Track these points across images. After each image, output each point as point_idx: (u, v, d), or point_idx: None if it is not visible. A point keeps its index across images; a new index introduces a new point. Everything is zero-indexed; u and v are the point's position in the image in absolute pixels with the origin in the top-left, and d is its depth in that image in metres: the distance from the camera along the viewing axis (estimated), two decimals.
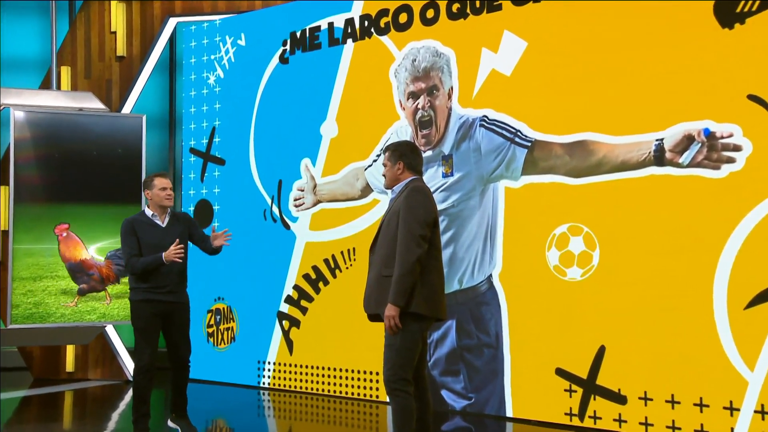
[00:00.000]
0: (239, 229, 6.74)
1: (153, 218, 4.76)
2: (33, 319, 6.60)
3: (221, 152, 6.98)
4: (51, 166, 6.73)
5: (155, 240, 4.69)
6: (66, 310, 6.61)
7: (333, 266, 6.13)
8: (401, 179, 3.84)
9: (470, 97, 5.35)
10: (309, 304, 6.27)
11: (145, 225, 4.73)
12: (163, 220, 4.78)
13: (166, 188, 4.75)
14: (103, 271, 6.74)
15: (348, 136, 6.10)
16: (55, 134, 6.74)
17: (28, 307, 6.61)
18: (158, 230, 4.74)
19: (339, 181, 6.13)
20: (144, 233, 4.70)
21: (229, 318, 6.79)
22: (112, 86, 7.36)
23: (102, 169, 6.81)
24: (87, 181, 6.78)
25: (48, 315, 6.62)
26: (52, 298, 6.67)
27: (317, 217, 6.27)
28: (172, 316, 4.71)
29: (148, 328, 4.61)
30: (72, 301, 6.69)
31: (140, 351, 4.63)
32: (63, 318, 6.62)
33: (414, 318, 3.64)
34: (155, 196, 4.75)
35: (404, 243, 3.58)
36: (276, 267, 6.46)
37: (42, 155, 6.73)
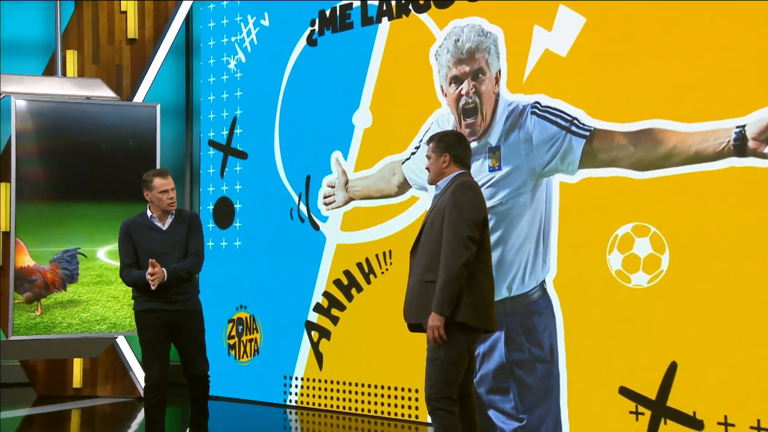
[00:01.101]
0: (263, 229, 6.76)
1: (153, 220, 4.72)
2: (37, 330, 6.61)
3: (243, 145, 6.99)
4: (56, 160, 6.76)
5: (153, 246, 4.65)
6: (73, 319, 6.66)
7: (367, 271, 6.12)
8: (447, 173, 3.84)
9: (520, 82, 5.31)
10: (340, 312, 6.26)
11: (143, 228, 4.69)
12: (165, 223, 4.73)
13: (168, 191, 4.68)
14: (48, 276, 6.70)
15: (383, 127, 6.08)
16: (60, 125, 6.77)
17: (31, 316, 6.64)
18: (158, 235, 4.69)
19: (373, 176, 6.13)
20: (141, 238, 4.66)
21: (253, 328, 6.80)
22: (122, 72, 7.40)
23: (112, 163, 6.84)
24: (95, 178, 6.82)
25: (53, 325, 6.64)
26: (59, 307, 6.70)
27: (349, 216, 6.26)
28: (181, 327, 4.69)
29: (154, 340, 4.60)
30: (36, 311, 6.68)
31: (148, 367, 4.64)
32: (69, 329, 6.65)
33: (460, 329, 3.63)
34: (155, 199, 4.70)
35: (450, 245, 3.57)
36: (304, 272, 6.47)
37: (46, 149, 6.76)
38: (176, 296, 4.65)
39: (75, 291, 6.75)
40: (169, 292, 4.61)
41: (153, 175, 4.71)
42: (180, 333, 4.70)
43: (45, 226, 6.75)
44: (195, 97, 7.98)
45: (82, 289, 6.78)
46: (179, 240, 4.71)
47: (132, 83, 7.41)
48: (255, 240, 6.80)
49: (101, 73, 7.40)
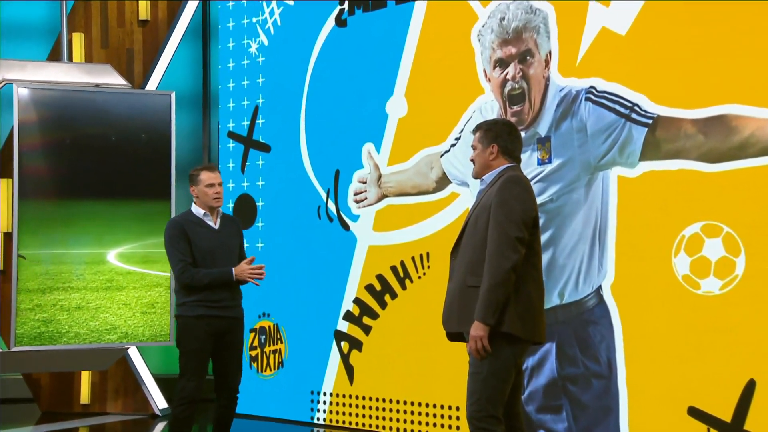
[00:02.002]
0: (288, 230, 6.77)
1: (204, 218, 4.89)
2: (41, 340, 6.64)
3: (266, 137, 7.02)
4: (61, 154, 6.77)
5: (208, 245, 4.83)
6: (81, 328, 6.71)
7: (402, 275, 6.11)
8: (494, 166, 3.85)
9: (574, 64, 5.29)
10: (373, 321, 6.27)
11: (195, 226, 4.85)
12: (215, 221, 4.92)
13: (214, 185, 4.87)
14: None
15: (420, 116, 6.08)
16: (66, 116, 6.77)
17: (36, 325, 6.66)
18: (211, 233, 4.87)
19: (409, 170, 6.13)
20: (196, 236, 4.82)
21: (277, 338, 6.82)
22: (134, 57, 7.42)
23: (122, 157, 6.85)
24: (104, 173, 6.82)
25: (59, 335, 6.68)
26: (65, 315, 6.72)
27: (383, 214, 6.27)
28: (226, 336, 4.85)
29: (200, 350, 4.76)
30: None
31: (187, 377, 4.76)
32: (77, 338, 6.68)
33: (507, 340, 3.63)
34: (201, 194, 4.89)
35: (496, 246, 3.59)
36: (332, 276, 6.49)
37: (50, 141, 6.76)
38: (230, 302, 4.82)
39: (83, 297, 6.78)
40: (227, 296, 4.79)
41: (201, 169, 4.92)
42: (224, 343, 4.84)
43: (49, 226, 6.76)
44: (213, 85, 8.01)
45: (90, 296, 6.80)
46: (231, 241, 4.91)
47: (144, 69, 7.43)
48: (279, 241, 6.83)
49: (110, 58, 7.43)
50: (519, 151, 3.90)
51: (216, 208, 4.91)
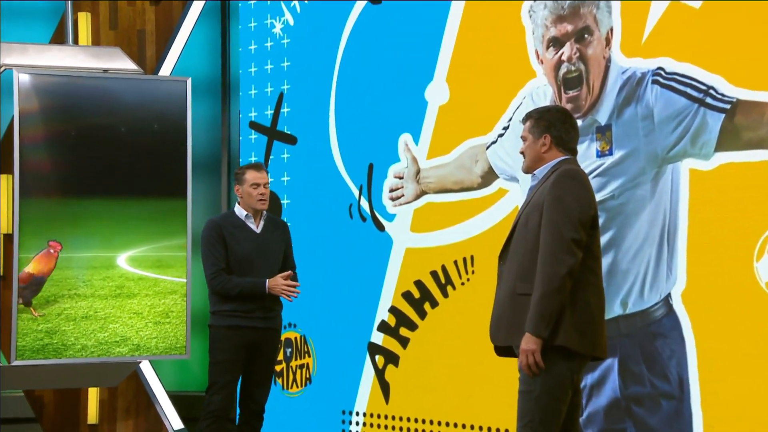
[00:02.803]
0: (316, 231, 6.77)
1: (246, 220, 5.06)
2: (45, 353, 6.65)
3: (291, 127, 7.05)
4: (66, 147, 6.79)
5: (247, 250, 4.99)
6: (88, 340, 6.75)
7: (444, 281, 6.10)
8: (547, 159, 3.86)
9: (639, 42, 5.23)
10: (411, 333, 6.27)
11: (234, 229, 5.03)
12: (258, 224, 5.09)
13: (259, 185, 5.03)
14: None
15: (463, 103, 6.06)
16: (71, 104, 6.77)
17: (39, 336, 6.66)
18: (251, 237, 5.04)
19: (451, 164, 6.12)
20: (233, 240, 4.99)
21: (304, 352, 6.85)
22: (145, 39, 7.48)
23: (133, 151, 6.87)
24: (114, 168, 6.84)
25: (65, 347, 6.69)
26: (71, 325, 6.74)
27: (422, 213, 6.27)
28: (261, 348, 5.03)
29: (230, 362, 4.93)
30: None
31: (213, 391, 4.93)
32: (84, 351, 6.71)
33: (562, 355, 3.64)
34: (245, 194, 5.05)
35: (550, 250, 3.59)
36: (366, 282, 6.50)
37: (54, 133, 6.77)
38: (266, 312, 5.00)
39: (90, 306, 6.81)
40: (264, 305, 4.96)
41: (246, 168, 5.09)
42: (257, 354, 5.02)
43: (53, 227, 6.77)
44: (233, 70, 8.00)
45: (98, 304, 6.82)
46: (274, 247, 5.09)
47: (157, 53, 7.48)
48: (306, 243, 6.77)
49: (120, 40, 7.48)
50: (575, 142, 3.90)
51: (260, 210, 5.05)
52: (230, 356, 4.94)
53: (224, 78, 8.08)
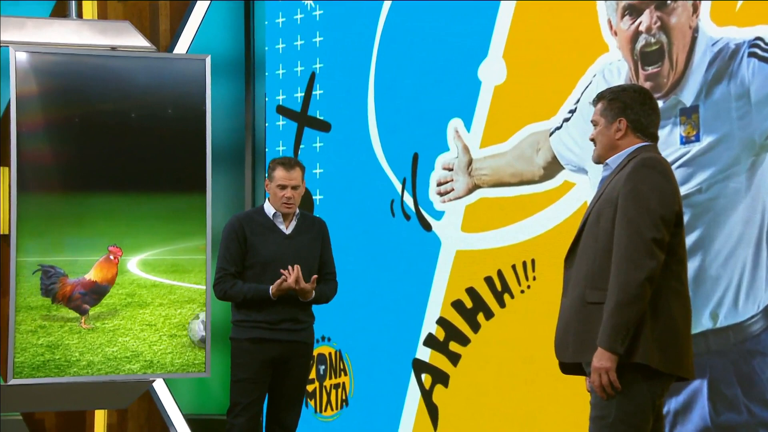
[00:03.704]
0: (353, 231, 6.79)
1: (275, 219, 5.10)
2: (46, 371, 6.65)
3: (324, 112, 7.07)
4: (69, 136, 6.81)
5: (274, 253, 5.02)
6: (95, 356, 6.76)
7: (500, 289, 6.08)
8: (622, 147, 3.82)
9: (733, 8, 5.15)
10: (463, 348, 6.25)
11: (260, 228, 5.08)
12: (289, 225, 5.13)
13: (286, 187, 5.06)
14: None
15: (522, 83, 6.03)
16: (75, 87, 6.79)
17: (39, 351, 6.67)
18: (279, 239, 5.08)
19: (508, 153, 6.10)
20: (258, 240, 5.04)
21: (340, 369, 6.87)
22: (158, 13, 7.58)
23: (145, 140, 6.88)
24: (123, 160, 6.85)
25: (68, 364, 6.69)
26: (75, 339, 6.76)
27: (474, 210, 6.25)
28: (288, 364, 5.05)
29: (252, 381, 4.97)
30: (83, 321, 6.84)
31: (237, 413, 4.98)
32: (90, 368, 6.71)
33: (642, 374, 3.59)
34: (272, 193, 5.12)
35: (626, 251, 3.54)
36: (410, 290, 6.51)
37: (56, 120, 6.79)
38: (295, 323, 5.05)
39: (97, 316, 6.83)
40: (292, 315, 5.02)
41: (277, 163, 5.13)
42: (285, 372, 5.06)
43: (55, 226, 6.80)
44: (258, 47, 7.99)
45: (106, 314, 6.85)
46: (307, 250, 5.12)
47: (172, 28, 7.60)
48: (341, 245, 6.60)
49: (130, 14, 7.58)
50: (655, 127, 3.85)
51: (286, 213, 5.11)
52: (254, 374, 4.99)
53: (248, 56, 8.06)
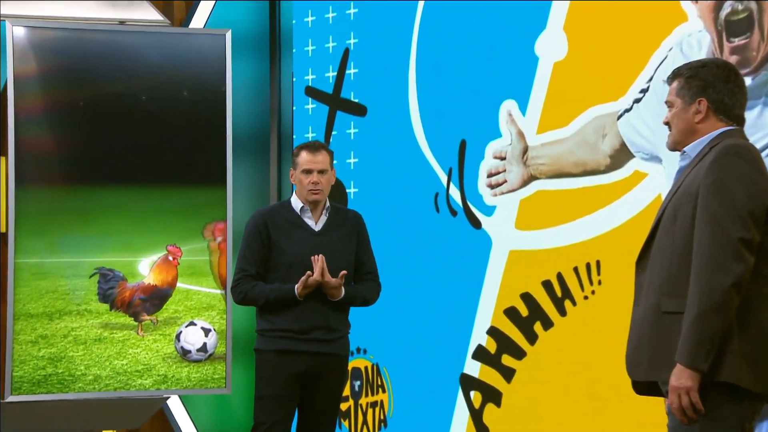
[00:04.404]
0: (391, 228, 6.82)
1: (303, 214, 5.14)
2: (48, 386, 6.67)
3: (360, 93, 7.10)
4: (73, 121, 6.82)
5: (298, 252, 5.04)
6: (102, 370, 6.78)
7: (560, 294, 6.06)
8: (702, 132, 3.75)
9: None
10: (517, 362, 6.23)
11: (286, 224, 5.11)
12: (318, 219, 5.15)
13: (312, 172, 5.09)
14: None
15: (586, 59, 6.02)
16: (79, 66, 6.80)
17: (40, 364, 6.69)
18: (308, 236, 5.11)
19: (570, 139, 6.08)
20: (284, 238, 5.08)
21: (377, 386, 6.90)
22: None
23: (157, 125, 6.90)
24: (132, 148, 6.87)
25: (72, 379, 6.71)
26: (80, 350, 6.77)
27: (531, 205, 6.24)
28: (320, 379, 5.08)
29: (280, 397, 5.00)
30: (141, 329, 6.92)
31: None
32: (97, 384, 6.72)
33: (728, 395, 3.52)
34: (297, 181, 5.16)
35: (709, 253, 3.49)
36: (457, 296, 6.52)
37: (58, 103, 6.80)
38: (327, 332, 5.06)
39: (105, 325, 6.85)
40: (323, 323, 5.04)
41: (300, 148, 5.17)
42: (316, 388, 5.08)
43: (57, 224, 6.83)
44: (284, 20, 7.96)
45: (115, 323, 6.89)
46: (338, 249, 5.12)
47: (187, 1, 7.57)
48: (378, 244, 6.52)
49: None
50: (742, 108, 3.77)
51: (314, 202, 5.12)
52: (280, 390, 4.99)
53: (273, 30, 8.00)
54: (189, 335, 6.81)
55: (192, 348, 6.78)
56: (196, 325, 6.83)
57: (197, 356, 6.78)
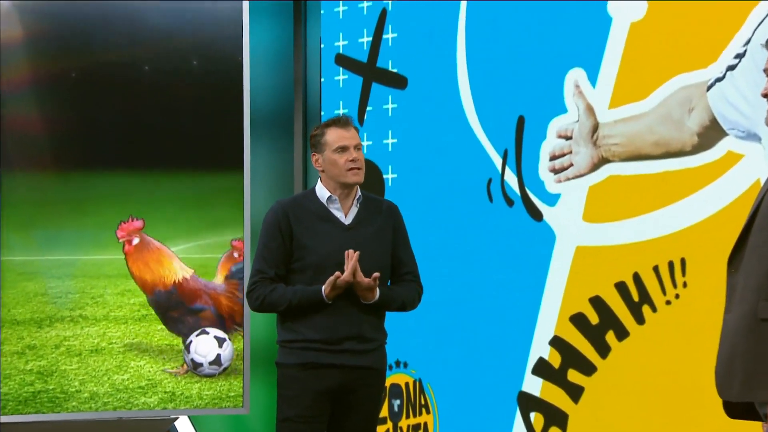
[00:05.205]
0: (435, 220, 6.86)
1: (330, 205, 5.10)
2: (37, 405, 6.73)
3: (399, 62, 7.10)
4: (65, 96, 6.88)
5: (326, 250, 5.01)
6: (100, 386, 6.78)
7: (638, 298, 6.00)
8: None
9: None
10: (586, 378, 6.21)
11: (311, 217, 5.08)
12: (348, 210, 5.11)
13: (347, 148, 5.05)
14: (223, 302, 7.02)
15: (668, 19, 5.95)
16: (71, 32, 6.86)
17: (28, 380, 6.74)
18: (337, 230, 5.08)
19: (649, 115, 6.02)
20: (309, 235, 5.04)
21: (420, 405, 6.90)
22: None
23: (163, 100, 6.96)
24: (134, 126, 6.94)
25: (65, 396, 6.76)
26: (74, 363, 6.82)
27: (602, 193, 6.21)
28: (353, 397, 5.06)
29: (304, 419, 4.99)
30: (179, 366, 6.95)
31: None
32: (94, 402, 6.77)
33: None
34: (328, 165, 5.09)
35: None
36: (514, 300, 6.52)
37: (46, 75, 6.85)
38: (361, 342, 5.03)
39: (103, 333, 6.90)
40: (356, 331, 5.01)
41: (326, 125, 5.13)
42: (348, 408, 5.05)
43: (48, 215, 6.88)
44: None
45: (114, 331, 6.94)
46: (372, 246, 5.06)
47: None
48: (419, 241, 6.51)
49: None
50: None
51: (353, 186, 5.07)
52: (307, 410, 4.95)
53: None
54: (200, 346, 6.89)
55: (204, 361, 6.87)
56: (209, 333, 6.90)
57: (210, 370, 6.86)
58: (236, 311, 6.98)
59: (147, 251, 6.91)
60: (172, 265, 6.92)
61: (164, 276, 6.92)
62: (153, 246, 6.92)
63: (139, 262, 6.90)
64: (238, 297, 6.99)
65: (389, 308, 5.17)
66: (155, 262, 6.92)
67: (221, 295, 6.95)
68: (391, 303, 5.13)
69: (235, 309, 6.98)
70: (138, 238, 6.88)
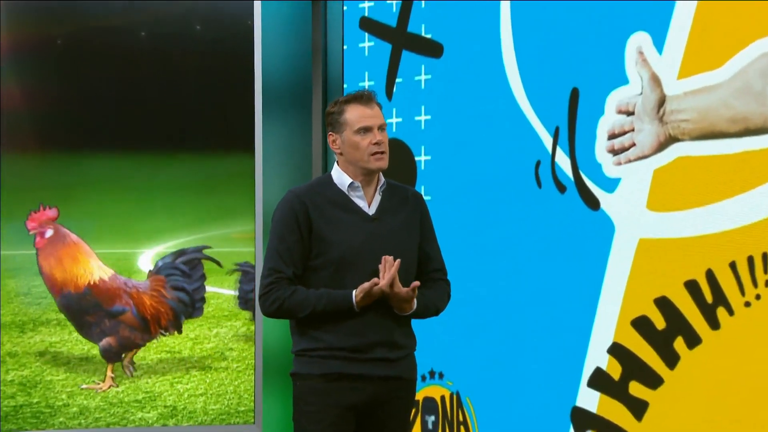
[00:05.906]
0: (478, 210, 6.88)
1: (351, 193, 5.01)
2: (18, 422, 6.85)
3: (433, 27, 7.09)
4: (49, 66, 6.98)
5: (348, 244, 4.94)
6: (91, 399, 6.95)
7: (712, 300, 5.94)
8: None
9: None
10: (651, 392, 6.16)
11: (329, 207, 5.00)
12: (371, 198, 5.04)
13: (371, 129, 4.96)
14: (146, 302, 7.03)
15: None
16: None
17: (9, 392, 6.86)
18: (359, 221, 5.00)
19: (724, 86, 5.95)
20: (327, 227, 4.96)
21: (459, 422, 6.92)
22: None
23: (162, 72, 7.09)
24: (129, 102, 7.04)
25: (52, 411, 6.88)
26: (62, 373, 6.94)
27: (669, 177, 6.16)
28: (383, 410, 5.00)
29: None
30: (102, 381, 6.95)
31: None
32: (85, 417, 6.88)
33: None
34: (348, 147, 4.99)
35: None
36: (567, 300, 6.50)
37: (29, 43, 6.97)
38: (392, 350, 4.97)
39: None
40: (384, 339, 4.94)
41: (345, 101, 5.04)
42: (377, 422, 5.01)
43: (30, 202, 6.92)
44: None
45: None
46: (399, 239, 5.00)
47: None
48: (457, 232, 6.79)
49: None
50: None
51: (376, 172, 4.99)
52: (331, 427, 4.87)
53: None
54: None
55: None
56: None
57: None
58: (162, 313, 6.99)
59: (62, 246, 6.92)
60: (89, 264, 6.92)
61: (78, 276, 6.91)
62: (69, 240, 6.93)
63: (51, 258, 6.91)
64: (165, 296, 7.01)
65: (424, 317, 5.12)
66: (70, 259, 6.92)
67: (144, 294, 6.98)
68: (427, 312, 5.09)
69: (161, 310, 6.99)
70: (52, 230, 6.90)
